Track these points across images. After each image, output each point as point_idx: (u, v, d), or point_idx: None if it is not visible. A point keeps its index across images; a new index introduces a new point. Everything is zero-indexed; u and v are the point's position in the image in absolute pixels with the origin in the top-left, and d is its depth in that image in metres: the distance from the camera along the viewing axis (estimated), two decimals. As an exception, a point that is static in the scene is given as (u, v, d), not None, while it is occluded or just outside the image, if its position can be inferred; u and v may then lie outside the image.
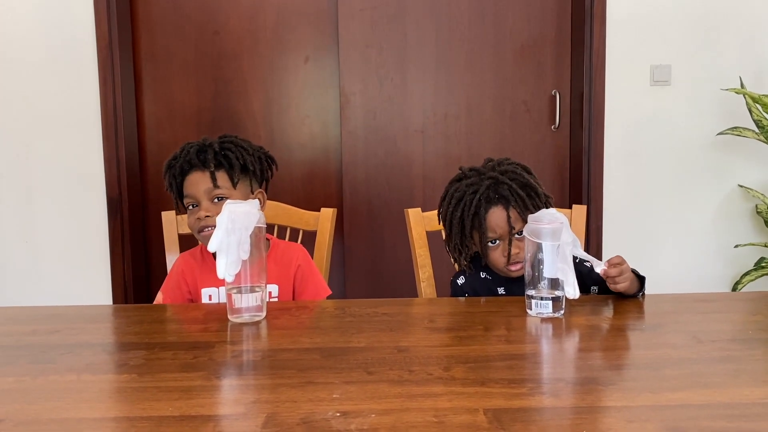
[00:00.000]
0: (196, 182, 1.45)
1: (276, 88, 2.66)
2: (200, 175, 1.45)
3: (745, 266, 2.58)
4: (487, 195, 1.40)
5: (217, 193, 1.45)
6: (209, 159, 1.45)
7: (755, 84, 2.54)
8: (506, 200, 1.39)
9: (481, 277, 1.49)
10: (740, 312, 1.30)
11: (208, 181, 1.44)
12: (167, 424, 0.77)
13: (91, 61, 2.51)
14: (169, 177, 1.48)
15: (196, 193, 1.45)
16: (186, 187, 1.46)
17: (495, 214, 1.39)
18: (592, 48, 2.54)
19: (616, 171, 2.61)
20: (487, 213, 1.39)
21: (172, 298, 1.49)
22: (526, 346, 1.08)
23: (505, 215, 1.38)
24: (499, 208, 1.39)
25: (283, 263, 1.50)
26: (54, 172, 2.56)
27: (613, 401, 0.83)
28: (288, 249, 1.55)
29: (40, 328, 1.18)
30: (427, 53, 2.64)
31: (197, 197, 1.44)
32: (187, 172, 1.46)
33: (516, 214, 1.38)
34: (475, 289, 1.48)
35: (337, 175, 2.69)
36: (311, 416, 0.78)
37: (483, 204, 1.39)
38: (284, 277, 1.49)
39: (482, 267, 1.49)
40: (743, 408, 0.80)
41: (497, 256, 1.41)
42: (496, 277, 1.47)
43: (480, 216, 1.39)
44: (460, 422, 0.76)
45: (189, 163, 1.46)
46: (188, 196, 1.46)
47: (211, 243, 1.16)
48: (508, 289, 1.46)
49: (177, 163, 1.47)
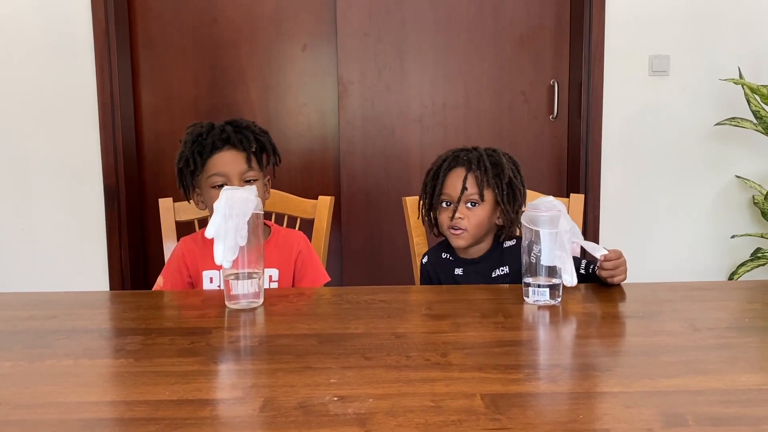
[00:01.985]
0: (231, 161, 1.43)
1: (274, 77, 2.65)
2: (236, 154, 1.43)
3: (741, 257, 2.59)
4: (458, 155, 1.47)
5: (250, 176, 1.44)
6: (250, 140, 1.44)
7: (753, 74, 2.53)
8: (469, 163, 1.44)
9: (442, 257, 1.52)
10: (737, 300, 1.31)
11: (242, 161, 1.43)
12: (164, 407, 0.77)
13: (88, 49, 2.50)
14: (194, 152, 1.43)
15: (231, 171, 1.42)
16: (216, 164, 1.43)
17: (454, 174, 1.45)
18: (591, 38, 2.54)
19: (614, 161, 2.61)
20: (449, 172, 1.46)
21: (172, 282, 1.48)
22: (523, 333, 1.08)
23: (463, 176, 1.43)
24: (459, 170, 1.45)
25: (284, 248, 1.51)
26: (51, 160, 2.55)
27: (609, 387, 0.84)
28: (289, 235, 1.55)
29: (37, 313, 1.18)
30: (426, 42, 2.63)
31: (230, 176, 1.42)
32: (218, 149, 1.43)
33: (473, 181, 1.43)
34: (435, 268, 1.52)
35: (335, 164, 2.69)
36: (308, 400, 0.78)
37: (448, 162, 1.47)
38: (285, 262, 1.50)
39: (445, 248, 1.51)
40: (739, 394, 0.80)
41: (444, 218, 1.46)
42: (456, 259, 1.51)
43: (441, 172, 1.46)
44: (457, 407, 0.76)
45: (225, 141, 1.43)
46: (219, 174, 1.42)
47: (208, 229, 1.15)
48: (466, 272, 1.48)
49: (207, 139, 1.43)
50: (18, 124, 2.54)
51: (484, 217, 1.44)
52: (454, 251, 1.52)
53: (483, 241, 1.49)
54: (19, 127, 2.54)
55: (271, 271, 1.45)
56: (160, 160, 2.69)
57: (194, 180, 1.46)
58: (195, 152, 1.43)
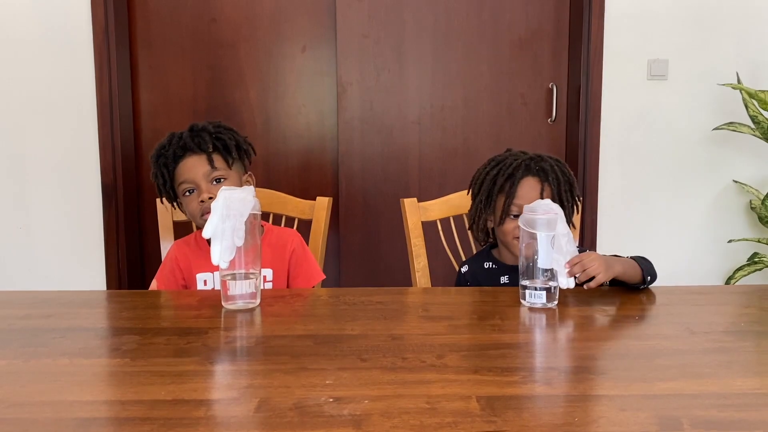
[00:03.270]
0: (193, 166, 1.44)
1: (273, 77, 2.65)
2: (196, 158, 1.44)
3: (738, 261, 2.60)
4: (528, 164, 1.40)
5: (216, 175, 1.44)
6: (206, 141, 1.45)
7: (752, 80, 2.54)
8: (545, 174, 1.38)
9: (485, 267, 1.49)
10: (733, 304, 1.31)
11: (205, 163, 1.44)
12: (159, 407, 0.77)
13: (87, 48, 2.50)
14: (159, 166, 1.46)
15: (195, 177, 1.44)
16: (181, 173, 1.45)
17: (529, 183, 1.38)
18: (589, 41, 2.54)
19: (612, 165, 2.61)
20: (523, 179, 1.39)
21: (166, 285, 1.49)
22: (519, 336, 1.08)
23: (539, 187, 1.37)
24: (535, 179, 1.39)
25: (277, 247, 1.50)
26: (49, 158, 2.55)
27: (605, 390, 0.84)
28: (282, 234, 1.55)
29: (33, 312, 1.18)
30: (425, 44, 2.63)
31: (196, 181, 1.43)
32: (180, 158, 1.45)
33: (549, 193, 1.37)
34: (477, 278, 1.48)
35: (333, 165, 2.69)
36: (304, 401, 0.78)
37: (522, 169, 1.39)
38: (279, 261, 1.49)
39: (487, 256, 1.49)
40: (734, 398, 0.80)
41: (512, 227, 1.38)
42: (501, 266, 1.47)
43: (514, 178, 1.38)
44: (453, 409, 0.76)
45: (183, 148, 1.45)
46: (186, 181, 1.44)
47: (206, 229, 1.15)
48: (512, 278, 1.44)
49: (168, 150, 1.45)
50: (16, 122, 2.54)
51: None
52: (496, 260, 1.47)
53: None
54: (17, 124, 2.54)
55: (265, 271, 1.45)
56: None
57: (169, 192, 1.49)
58: (161, 165, 1.46)
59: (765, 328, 1.12)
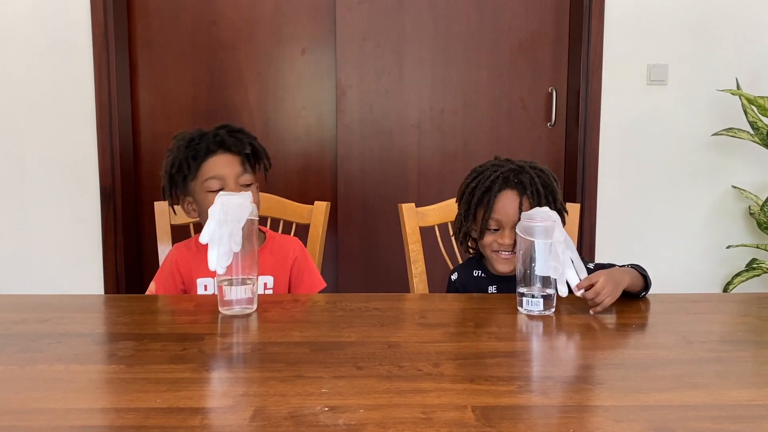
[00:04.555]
0: (227, 164, 1.42)
1: (272, 80, 2.65)
2: (230, 157, 1.43)
3: (736, 267, 2.59)
4: (507, 176, 1.38)
5: (245, 180, 1.43)
6: (244, 144, 1.44)
7: (751, 85, 2.54)
8: (523, 187, 1.37)
9: (474, 275, 1.49)
10: (730, 313, 1.31)
11: (238, 164, 1.43)
12: (155, 415, 0.77)
13: (87, 50, 2.49)
14: (187, 156, 1.42)
15: (227, 174, 1.41)
16: (212, 168, 1.42)
17: (506, 196, 1.37)
18: (589, 46, 2.54)
19: (611, 169, 2.61)
20: (500, 192, 1.37)
21: (165, 288, 1.48)
22: (516, 344, 1.08)
23: (518, 201, 1.36)
24: (513, 192, 1.37)
25: (279, 255, 1.50)
26: (47, 160, 2.55)
27: (601, 400, 0.84)
28: (284, 241, 1.54)
29: (29, 316, 1.18)
30: (425, 48, 2.63)
31: (227, 179, 1.41)
32: (213, 153, 1.42)
33: (528, 206, 1.35)
34: (466, 286, 1.48)
35: (332, 168, 2.69)
36: (299, 410, 0.78)
37: (500, 182, 1.38)
38: (280, 268, 1.49)
39: (476, 264, 1.49)
40: (730, 410, 0.80)
41: (490, 241, 1.39)
42: (489, 276, 1.47)
43: (492, 192, 1.37)
44: (448, 419, 0.76)
45: (219, 144, 1.42)
46: (216, 177, 1.41)
47: (202, 234, 1.15)
48: (500, 288, 1.45)
49: (201, 143, 1.42)
50: (15, 124, 2.53)
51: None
52: (485, 268, 1.47)
53: None
54: (15, 126, 2.54)
55: (266, 278, 1.45)
56: (157, 161, 2.65)
57: (186, 187, 1.45)
58: (189, 157, 1.42)
59: (762, 337, 1.12)
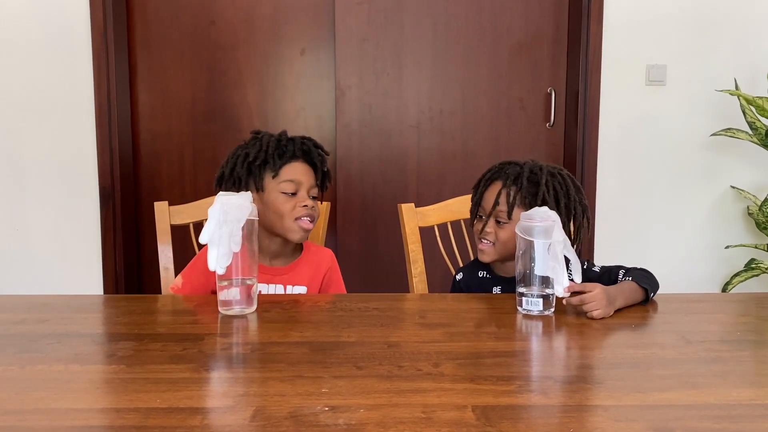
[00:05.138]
0: (307, 172, 1.47)
1: (271, 80, 2.65)
2: (308, 168, 1.48)
3: (735, 267, 2.60)
4: (500, 168, 1.44)
5: (314, 193, 1.48)
6: (324, 160, 1.50)
7: (749, 86, 2.54)
8: (506, 177, 1.40)
9: (479, 276, 1.49)
10: (729, 313, 1.31)
11: (313, 178, 1.48)
12: (155, 415, 0.77)
13: (86, 50, 2.49)
14: (274, 154, 1.45)
15: (305, 182, 1.46)
16: (293, 172, 1.45)
17: (492, 188, 1.42)
18: (588, 46, 2.54)
19: (610, 170, 2.62)
20: (489, 185, 1.43)
21: (192, 285, 1.44)
22: (516, 344, 1.08)
23: (497, 190, 1.39)
24: (497, 183, 1.42)
25: (314, 266, 1.52)
26: (47, 161, 2.55)
27: (600, 400, 0.84)
28: (320, 252, 1.56)
29: (28, 317, 1.18)
30: (424, 48, 2.63)
31: (302, 186, 1.45)
32: (296, 159, 1.47)
33: (505, 198, 1.37)
34: (470, 286, 1.49)
35: (332, 168, 2.65)
36: (300, 410, 0.78)
37: (491, 176, 1.44)
38: (314, 279, 1.51)
39: (482, 265, 1.49)
40: (729, 409, 0.80)
41: (477, 229, 1.44)
42: (494, 276, 1.48)
43: (482, 185, 1.44)
44: (448, 419, 0.76)
45: (305, 153, 1.48)
46: (294, 181, 1.45)
47: (202, 234, 1.15)
48: (504, 289, 1.45)
49: (289, 146, 1.46)
50: (14, 124, 2.53)
51: (510, 236, 1.35)
52: (491, 269, 1.49)
53: None
54: (15, 126, 2.53)
55: (300, 288, 1.47)
56: (156, 161, 2.68)
57: (262, 181, 1.46)
58: (276, 155, 1.45)
59: (762, 337, 1.12)
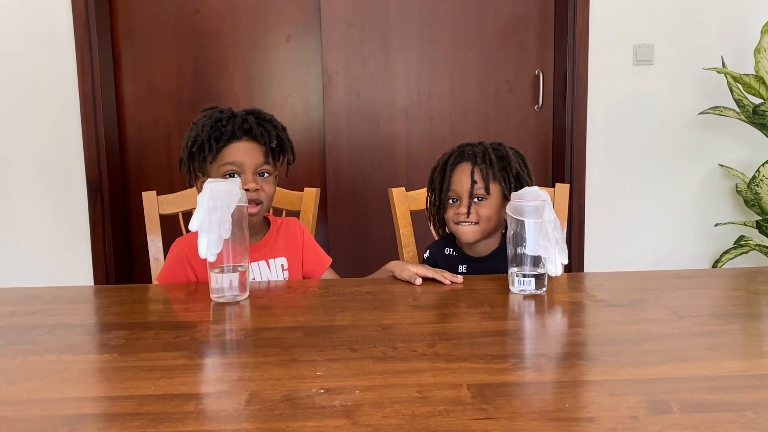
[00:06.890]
0: (249, 151, 1.38)
1: (257, 68, 2.63)
2: (254, 146, 1.39)
3: (724, 244, 2.62)
4: (463, 150, 1.46)
5: (264, 169, 1.41)
6: (272, 136, 1.40)
7: (736, 64, 2.55)
8: (474, 157, 1.43)
9: (445, 253, 1.51)
10: (720, 288, 1.32)
11: (260, 155, 1.40)
12: (149, 402, 0.76)
13: (68, 40, 2.46)
14: (210, 137, 1.37)
15: (247, 162, 1.37)
16: (232, 154, 1.37)
17: (459, 169, 1.44)
18: (575, 27, 2.54)
19: (599, 150, 2.62)
20: (456, 167, 1.44)
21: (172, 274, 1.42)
22: (509, 323, 1.08)
23: (470, 171, 1.42)
24: (465, 165, 1.44)
25: (288, 236, 1.51)
26: (32, 153, 2.52)
27: (595, 375, 0.84)
28: (288, 222, 1.55)
29: (18, 309, 1.17)
30: (411, 32, 2.61)
31: (245, 167, 1.38)
32: (237, 139, 1.38)
33: (479, 175, 1.41)
34: (437, 263, 1.50)
35: (320, 155, 2.67)
36: (295, 393, 0.78)
37: (454, 158, 1.45)
38: (291, 248, 1.50)
39: (449, 243, 1.50)
40: (722, 381, 0.81)
41: (451, 214, 1.45)
42: (461, 254, 1.49)
43: (448, 167, 1.45)
44: (444, 397, 0.76)
45: (245, 131, 1.38)
46: (233, 164, 1.37)
47: (192, 222, 1.14)
48: (471, 268, 1.47)
49: (227, 126, 1.37)
50: (-2, 117, 2.50)
51: (492, 211, 1.42)
52: (458, 247, 1.49)
53: (492, 237, 1.47)
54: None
55: (281, 260, 1.46)
56: (143, 151, 2.66)
57: (204, 166, 1.40)
58: (211, 138, 1.37)
59: (752, 310, 1.13)
